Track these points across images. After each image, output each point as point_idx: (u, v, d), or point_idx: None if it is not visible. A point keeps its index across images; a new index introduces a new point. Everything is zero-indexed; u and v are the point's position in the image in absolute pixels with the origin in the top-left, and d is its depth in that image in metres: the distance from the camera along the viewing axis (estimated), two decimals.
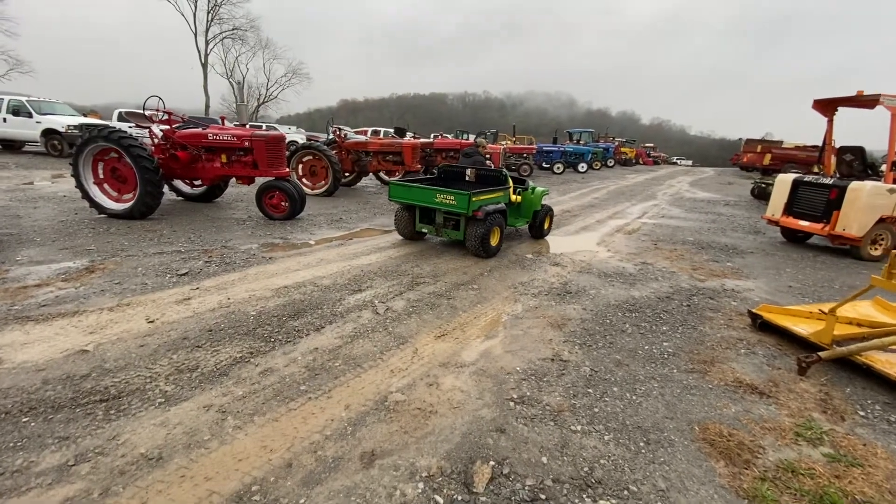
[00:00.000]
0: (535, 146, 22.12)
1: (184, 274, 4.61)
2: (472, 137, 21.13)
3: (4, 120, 13.61)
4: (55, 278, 4.32)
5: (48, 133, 13.52)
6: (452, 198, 5.48)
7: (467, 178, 6.84)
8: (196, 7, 42.74)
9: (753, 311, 4.16)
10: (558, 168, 21.18)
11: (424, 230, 6.28)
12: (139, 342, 3.18)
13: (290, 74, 50.87)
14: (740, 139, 28.92)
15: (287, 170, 7.73)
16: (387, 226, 7.68)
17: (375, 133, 21.80)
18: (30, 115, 13.51)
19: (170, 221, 6.97)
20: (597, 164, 25.36)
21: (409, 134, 13.89)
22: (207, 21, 43.38)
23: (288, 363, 3.05)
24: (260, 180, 7.81)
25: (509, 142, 23.12)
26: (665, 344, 3.71)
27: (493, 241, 5.83)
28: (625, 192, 15.43)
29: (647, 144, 47.56)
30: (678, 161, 55.50)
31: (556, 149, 22.83)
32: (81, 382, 2.68)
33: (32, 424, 2.32)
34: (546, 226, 7.33)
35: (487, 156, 7.80)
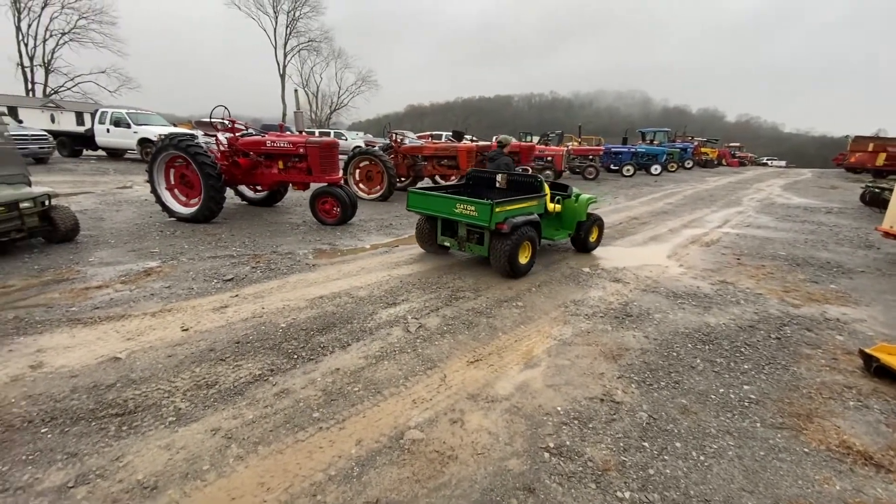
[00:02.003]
0: (602, 147, 20.91)
1: (229, 280, 4.67)
2: (534, 139, 20.44)
3: (108, 130, 15.32)
4: (115, 280, 4.56)
5: (143, 142, 14.99)
6: (473, 208, 4.80)
7: (498, 185, 6.05)
8: (277, 22, 45.95)
9: (867, 350, 3.35)
10: (628, 170, 19.80)
11: (447, 244, 5.62)
12: (168, 352, 3.17)
13: (360, 82, 52.96)
14: (846, 137, 25.22)
15: (339, 176, 7.78)
16: None
17: (436, 137, 21.82)
18: (128, 126, 15.08)
19: (230, 225, 7.26)
20: (672, 166, 23.44)
21: (466, 137, 13.63)
22: (286, 35, 46.45)
23: (306, 384, 2.86)
24: (315, 186, 7.93)
25: (575, 143, 22.08)
26: (746, 388, 3.07)
27: (523, 259, 5.06)
28: (704, 197, 13.98)
29: (731, 144, 43.38)
30: (769, 162, 50.03)
31: (626, 150, 21.39)
32: (105, 393, 2.68)
33: (49, 436, 2.31)
34: (593, 238, 6.39)
35: (515, 157, 6.85)
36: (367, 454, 2.29)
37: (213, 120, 7.53)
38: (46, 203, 5.53)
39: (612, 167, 21.18)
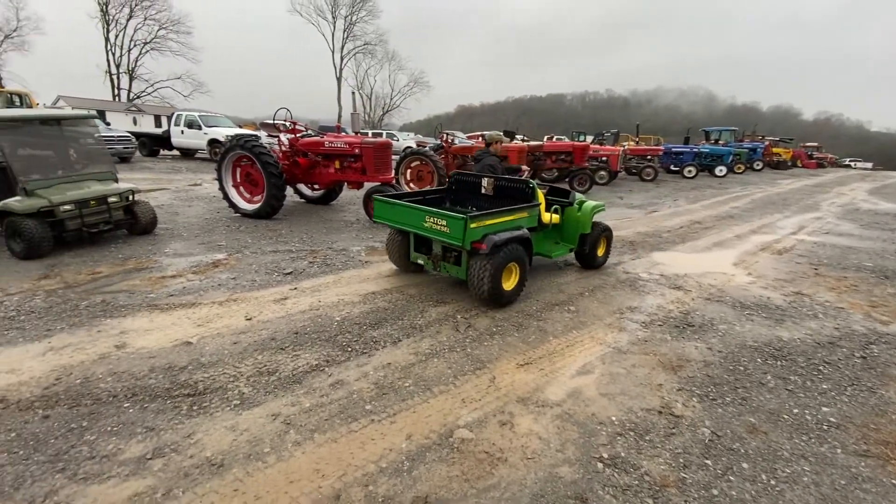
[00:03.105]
0: (661, 147, 19.93)
1: (288, 273, 4.91)
2: (588, 139, 19.85)
3: (182, 132, 16.60)
4: (188, 270, 4.92)
5: (212, 142, 16.09)
6: (445, 222, 3.84)
7: (483, 191, 5.06)
8: (334, 27, 47.71)
9: None
10: (689, 171, 18.73)
11: (420, 261, 4.63)
12: (234, 339, 3.38)
13: (412, 84, 53.88)
14: None
15: (392, 175, 7.94)
16: None
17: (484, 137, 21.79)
18: (200, 128, 16.25)
19: (289, 222, 7.62)
20: (739, 168, 21.93)
21: (517, 137, 13.47)
22: (343, 39, 48.11)
23: (359, 377, 2.95)
24: (368, 185, 8.15)
25: (631, 143, 21.21)
26: (825, 409, 2.81)
27: (508, 284, 4.08)
28: (776, 202, 12.96)
29: (808, 144, 39.83)
30: (852, 163, 45.49)
31: (688, 150, 20.26)
32: (178, 374, 2.90)
33: (130, 411, 2.53)
34: (601, 252, 5.41)
35: (503, 157, 5.69)
36: (416, 449, 2.32)
37: (276, 122, 7.93)
38: (130, 198, 6.07)
39: (671, 168, 20.14)
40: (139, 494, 1.98)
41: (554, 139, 15.72)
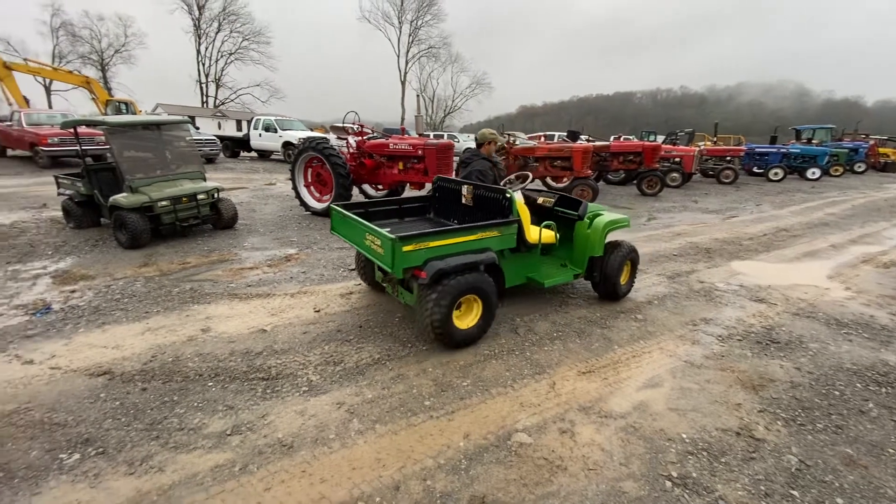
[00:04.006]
0: (743, 147, 18.37)
1: (353, 269, 5.11)
2: (659, 139, 18.78)
3: (260, 135, 17.90)
4: (263, 263, 5.29)
5: (286, 144, 17.18)
6: (380, 242, 3.11)
7: (463, 200, 4.12)
8: (400, 32, 49.03)
9: None
10: (776, 174, 17.07)
11: (383, 283, 3.99)
12: (304, 329, 3.58)
13: (474, 85, 54.03)
14: None
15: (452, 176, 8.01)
16: None
17: (548, 138, 21.29)
18: (275, 131, 17.42)
19: None
20: (836, 170, 19.62)
21: (582, 137, 13.05)
22: (408, 43, 49.31)
23: (418, 373, 3.01)
24: (430, 186, 8.29)
25: (708, 143, 19.78)
26: None
27: (463, 322, 3.29)
28: (881, 208, 11.46)
29: None
30: None
31: (775, 150, 18.47)
32: (255, 359, 3.13)
33: (213, 389, 2.77)
34: (623, 280, 4.25)
35: (496, 159, 4.57)
36: (474, 449, 2.32)
37: (345, 124, 8.31)
38: (216, 195, 6.63)
39: (755, 170, 18.48)
40: (220, 466, 2.16)
41: (621, 139, 15.02)
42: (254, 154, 19.58)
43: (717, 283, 5.04)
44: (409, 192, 8.98)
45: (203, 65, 45.17)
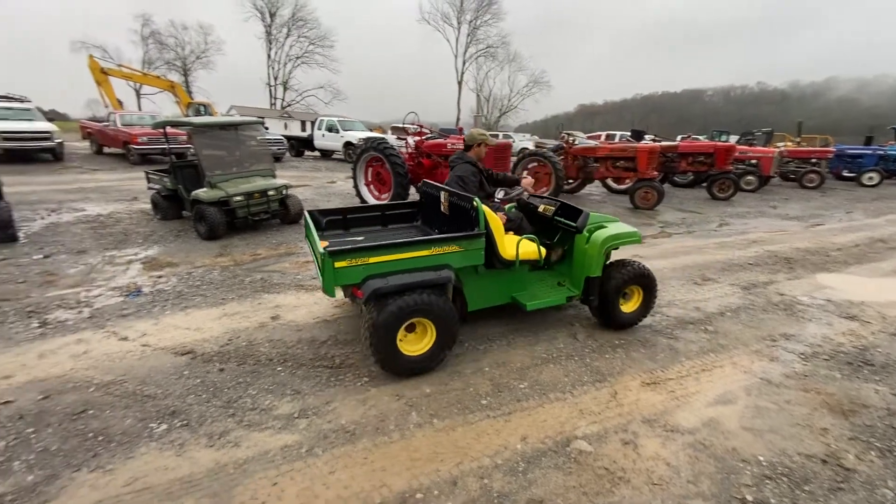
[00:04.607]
0: (831, 148, 16.68)
1: None
2: (732, 139, 17.51)
3: (323, 135, 18.75)
4: None
5: (347, 144, 17.86)
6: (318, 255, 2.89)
7: (442, 209, 3.65)
8: (459, 32, 49.28)
9: None
10: (870, 178, 15.33)
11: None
12: None
13: (532, 84, 53.19)
14: None
15: None
16: None
17: (609, 137, 20.52)
18: (337, 132, 18.17)
19: None
20: None
21: (646, 137, 12.44)
22: (466, 43, 49.47)
23: (475, 371, 3.02)
24: None
25: (789, 143, 18.15)
26: None
27: (413, 347, 2.93)
28: None
29: None
30: None
31: (870, 151, 16.59)
32: (320, 347, 3.28)
33: (282, 374, 2.94)
34: (627, 306, 3.65)
35: (478, 163, 3.90)
36: (532, 452, 2.30)
37: (405, 125, 8.49)
38: (284, 192, 7.03)
39: (844, 174, 16.72)
40: (288, 447, 2.29)
41: (690, 139, 14.14)
42: (317, 153, 20.50)
43: (800, 296, 4.62)
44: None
45: (272, 69, 47.96)
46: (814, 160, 14.78)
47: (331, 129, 18.56)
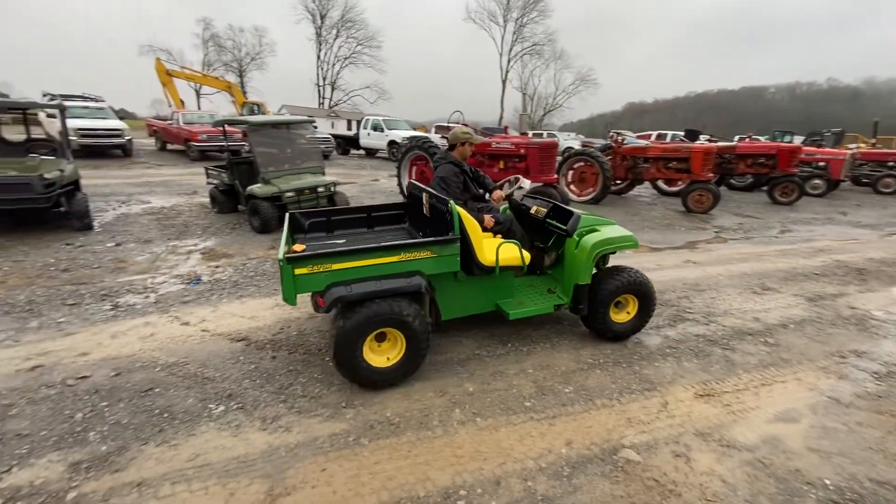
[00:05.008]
0: None
1: None
2: (797, 140, 16.36)
3: (368, 134, 19.19)
4: None
5: (391, 143, 18.18)
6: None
7: (424, 211, 3.46)
8: (504, 31, 48.86)
9: None
10: None
11: None
12: None
13: (578, 82, 51.95)
14: None
15: (555, 176, 7.81)
16: (655, 242, 6.73)
17: (660, 137, 19.70)
18: (382, 131, 18.53)
19: None
20: None
21: (702, 137, 11.85)
22: (512, 41, 48.98)
23: (517, 372, 2.99)
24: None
25: (863, 145, 16.74)
26: None
27: (381, 359, 2.75)
28: None
29: None
30: None
31: None
32: None
33: (331, 364, 3.03)
34: (620, 316, 3.40)
35: (462, 163, 3.73)
36: (577, 458, 2.25)
37: (450, 123, 8.52)
38: (332, 188, 7.24)
39: None
40: (336, 434, 2.37)
41: (749, 139, 13.32)
42: (362, 152, 20.98)
43: (874, 310, 4.26)
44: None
45: (321, 69, 49.50)
46: (891, 163, 13.55)
47: (376, 128, 18.93)
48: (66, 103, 9.85)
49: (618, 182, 10.66)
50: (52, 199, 5.80)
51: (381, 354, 2.77)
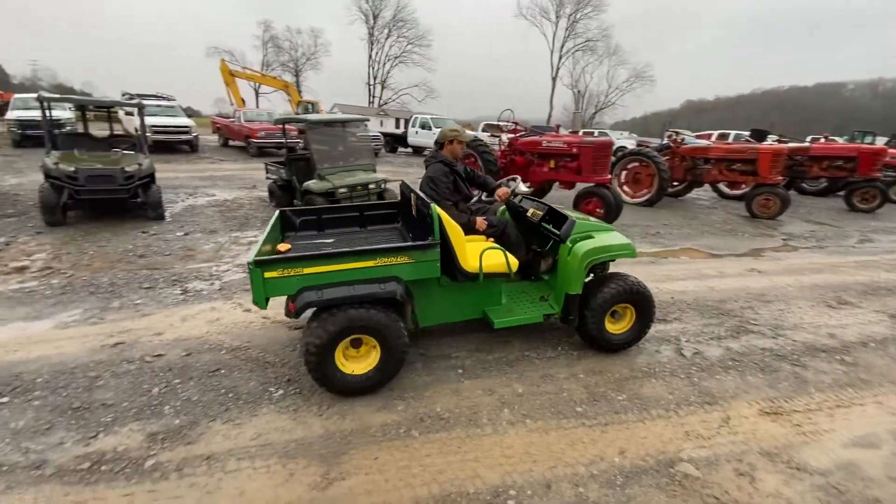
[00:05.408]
0: None
1: None
2: (879, 141, 14.92)
3: (416, 132, 19.45)
4: None
5: None
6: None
7: (413, 212, 3.34)
8: (557, 27, 47.84)
9: None
10: None
11: None
12: None
13: (633, 79, 50.00)
14: None
15: (609, 177, 7.57)
16: (715, 248, 6.38)
17: (722, 137, 18.57)
18: (429, 129, 18.72)
19: None
20: None
21: (770, 137, 11.06)
22: (564, 38, 47.89)
23: (568, 376, 2.94)
24: (581, 186, 7.98)
25: None
26: None
27: (353, 366, 2.66)
28: None
29: None
30: None
31: None
32: (413, 336, 3.41)
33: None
34: (617, 327, 3.20)
35: (456, 161, 3.64)
36: (631, 467, 2.19)
37: (500, 122, 8.48)
38: (382, 185, 7.41)
39: None
40: (387, 425, 2.43)
41: (823, 139, 12.28)
42: (409, 150, 21.30)
43: None
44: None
45: (372, 68, 50.66)
46: None
47: (424, 126, 19.16)
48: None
49: (675, 184, 10.19)
50: (132, 191, 6.33)
51: (357, 361, 2.69)
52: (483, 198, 3.89)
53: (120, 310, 3.76)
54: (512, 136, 8.54)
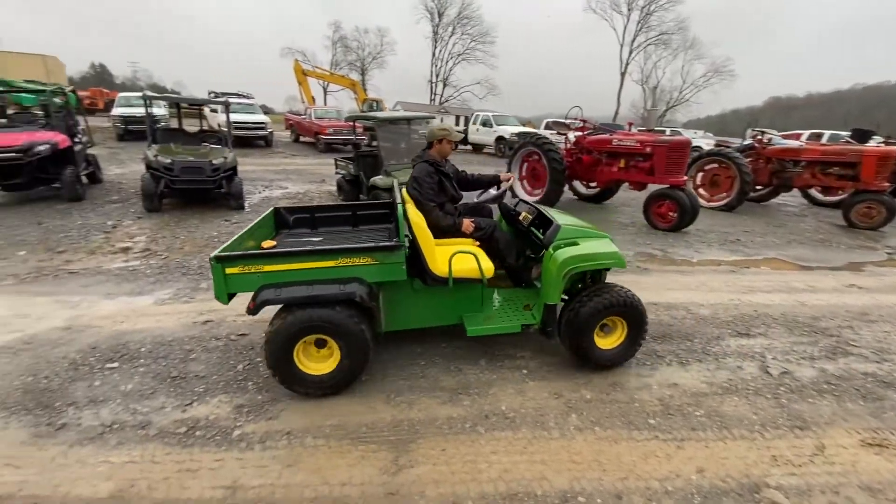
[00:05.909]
0: None
1: None
2: None
3: (477, 130, 19.40)
4: None
5: (499, 139, 18.19)
6: None
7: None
8: (628, 20, 45.64)
9: None
10: None
11: None
12: None
13: (711, 74, 46.60)
14: None
15: (684, 178, 7.13)
16: (806, 260, 5.81)
17: (815, 137, 16.81)
18: (490, 126, 18.61)
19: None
20: None
21: (875, 138, 9.88)
22: (635, 31, 45.62)
23: (640, 387, 2.82)
24: (652, 187, 7.58)
25: None
26: None
27: (314, 367, 2.62)
28: None
29: None
30: None
31: None
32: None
33: (447, 349, 3.16)
34: (611, 343, 2.93)
35: (444, 161, 3.45)
36: (710, 487, 2.06)
37: (567, 120, 8.26)
38: None
39: None
40: (452, 419, 2.47)
41: None
42: (469, 147, 21.33)
43: None
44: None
45: (435, 66, 51.19)
46: None
47: (485, 123, 19.09)
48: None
49: (758, 188, 9.40)
50: (217, 182, 6.89)
51: (320, 361, 2.65)
52: (476, 198, 3.82)
53: (207, 290, 4.10)
54: (579, 133, 8.28)
